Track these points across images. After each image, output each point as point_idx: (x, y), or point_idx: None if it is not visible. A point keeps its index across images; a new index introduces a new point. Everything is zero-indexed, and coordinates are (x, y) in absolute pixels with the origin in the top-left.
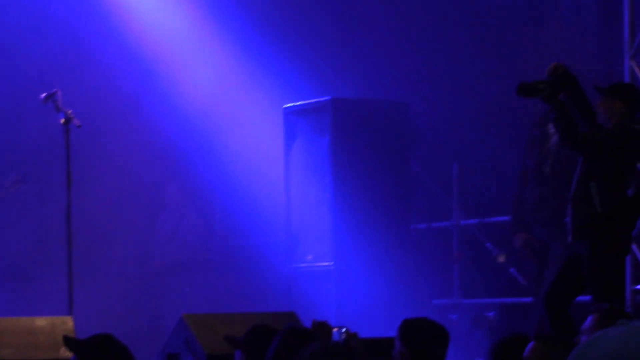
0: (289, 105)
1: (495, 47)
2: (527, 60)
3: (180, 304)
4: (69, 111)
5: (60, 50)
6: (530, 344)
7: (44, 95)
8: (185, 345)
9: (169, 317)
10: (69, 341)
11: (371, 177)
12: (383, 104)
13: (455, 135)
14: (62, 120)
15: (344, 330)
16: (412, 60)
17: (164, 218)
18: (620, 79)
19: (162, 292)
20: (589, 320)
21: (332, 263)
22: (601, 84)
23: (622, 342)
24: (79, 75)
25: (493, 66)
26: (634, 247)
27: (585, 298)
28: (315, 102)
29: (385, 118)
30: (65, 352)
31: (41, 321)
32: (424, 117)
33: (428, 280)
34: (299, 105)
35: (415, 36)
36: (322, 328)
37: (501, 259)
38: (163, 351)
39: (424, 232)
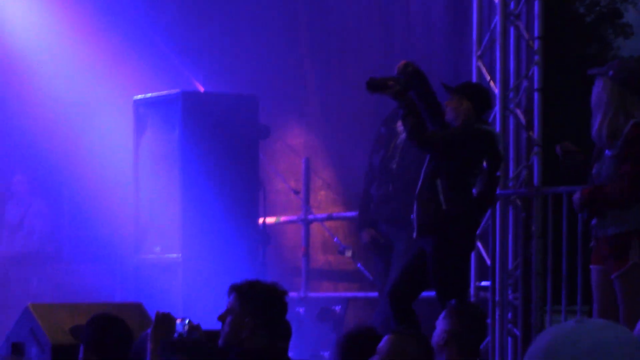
0: (139, 97)
1: (344, 45)
2: (376, 58)
3: (27, 294)
4: None
5: None
6: (386, 337)
7: None
8: (30, 335)
9: (15, 307)
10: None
11: (220, 170)
12: (233, 97)
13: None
14: None
15: (187, 322)
16: (262, 56)
17: (10, 207)
18: (468, 78)
19: (7, 282)
20: (445, 315)
21: (180, 255)
22: (449, 83)
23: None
24: None
25: (342, 63)
26: (479, 244)
27: (430, 294)
28: (165, 95)
29: (234, 112)
30: None
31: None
32: (274, 111)
33: (275, 274)
34: (149, 97)
35: (267, 32)
36: (165, 319)
37: (348, 253)
38: (7, 341)
39: (272, 226)
